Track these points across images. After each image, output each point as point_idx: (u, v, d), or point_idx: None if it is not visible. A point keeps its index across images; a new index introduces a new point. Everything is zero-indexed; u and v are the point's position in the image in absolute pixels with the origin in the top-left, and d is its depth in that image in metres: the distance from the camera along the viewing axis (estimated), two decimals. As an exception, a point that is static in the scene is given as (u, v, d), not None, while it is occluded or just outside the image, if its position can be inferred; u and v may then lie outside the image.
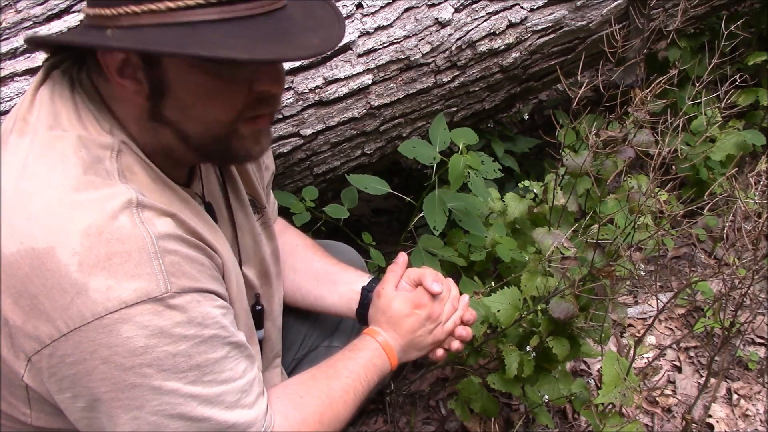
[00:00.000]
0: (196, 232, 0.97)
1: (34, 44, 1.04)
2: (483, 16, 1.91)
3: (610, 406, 1.66)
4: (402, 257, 1.41)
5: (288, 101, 1.74)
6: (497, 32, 1.94)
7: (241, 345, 1.01)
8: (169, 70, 0.92)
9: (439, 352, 1.37)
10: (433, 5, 1.85)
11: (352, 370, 1.21)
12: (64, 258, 0.86)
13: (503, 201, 1.96)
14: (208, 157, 1.05)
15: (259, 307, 1.27)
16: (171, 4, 0.86)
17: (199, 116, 0.95)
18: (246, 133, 0.98)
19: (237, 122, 0.96)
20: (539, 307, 1.57)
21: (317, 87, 1.76)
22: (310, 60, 1.72)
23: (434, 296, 1.34)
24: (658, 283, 2.45)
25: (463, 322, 1.39)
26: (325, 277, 1.46)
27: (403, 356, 1.32)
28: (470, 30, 1.90)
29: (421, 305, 1.32)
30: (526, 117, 2.86)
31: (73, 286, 0.85)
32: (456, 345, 1.38)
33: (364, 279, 1.44)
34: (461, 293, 1.43)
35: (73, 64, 1.02)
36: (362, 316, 1.40)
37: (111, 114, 0.98)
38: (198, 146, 0.99)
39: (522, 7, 1.97)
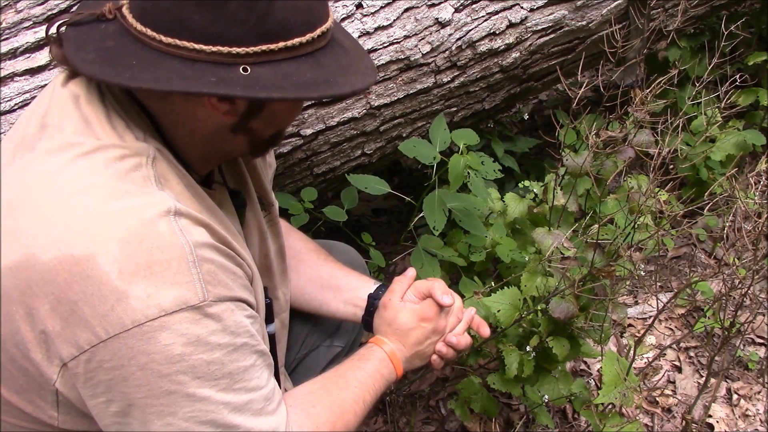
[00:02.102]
0: (227, 242, 0.98)
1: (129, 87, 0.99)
2: (483, 16, 1.91)
3: (610, 406, 1.67)
4: (411, 271, 1.42)
5: (288, 101, 1.74)
6: (497, 32, 1.94)
7: (265, 353, 1.02)
8: None
9: (434, 357, 1.37)
10: (433, 5, 1.85)
11: (361, 381, 1.21)
12: (104, 266, 0.86)
13: (503, 201, 1.96)
14: (256, 151, 1.12)
15: (268, 300, 1.28)
16: (298, 40, 0.93)
17: (279, 124, 1.07)
18: None
19: None
20: (539, 307, 1.57)
21: (317, 87, 1.75)
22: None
23: (442, 309, 1.34)
24: (658, 283, 2.45)
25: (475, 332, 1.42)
26: (329, 282, 1.46)
27: (407, 366, 1.33)
28: (470, 30, 1.90)
29: (427, 318, 1.32)
30: (526, 117, 2.86)
31: (114, 293, 0.86)
32: (451, 353, 1.38)
33: (370, 285, 1.44)
34: (463, 296, 1.43)
35: None
36: (368, 323, 1.41)
37: (145, 122, 0.99)
38: (262, 144, 1.09)
39: (522, 7, 1.97)
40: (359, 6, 1.78)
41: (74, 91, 0.98)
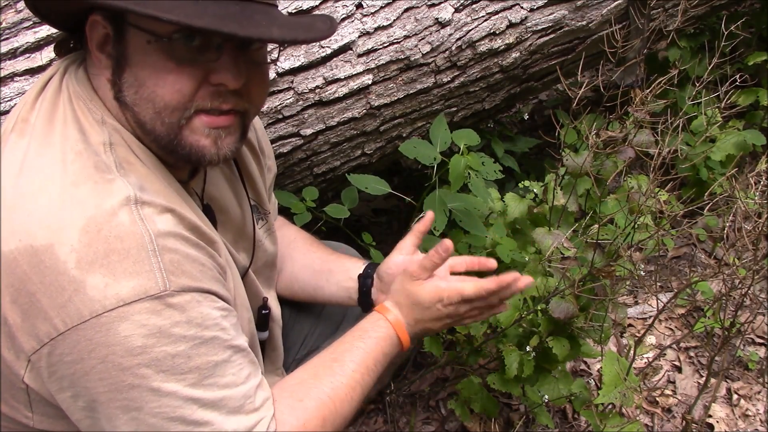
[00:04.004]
0: (195, 227, 0.95)
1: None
2: (483, 16, 1.91)
3: (610, 406, 1.67)
4: (430, 213, 1.34)
5: (288, 101, 1.74)
6: (497, 32, 1.94)
7: (243, 349, 0.98)
8: (130, 44, 0.93)
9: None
10: (433, 5, 1.85)
11: (359, 362, 1.12)
12: (62, 255, 0.85)
13: (503, 201, 1.96)
14: (164, 150, 0.99)
15: (266, 311, 1.27)
16: None
17: (149, 97, 0.93)
18: (200, 128, 0.96)
19: (189, 110, 0.94)
20: (539, 307, 1.57)
21: (317, 87, 1.76)
22: (310, 60, 1.72)
23: (469, 299, 1.19)
24: (658, 283, 2.45)
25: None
26: (321, 266, 1.44)
27: (413, 338, 1.23)
28: (470, 30, 1.90)
29: (449, 304, 1.19)
30: (526, 117, 2.86)
31: (71, 283, 0.85)
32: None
33: (359, 266, 1.40)
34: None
35: (74, 61, 1.03)
36: (365, 304, 1.37)
37: (101, 101, 0.98)
38: (153, 134, 0.96)
39: (522, 7, 1.96)
40: (359, 6, 1.78)
41: (51, 87, 0.99)
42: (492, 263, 1.30)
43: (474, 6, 1.90)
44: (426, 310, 1.20)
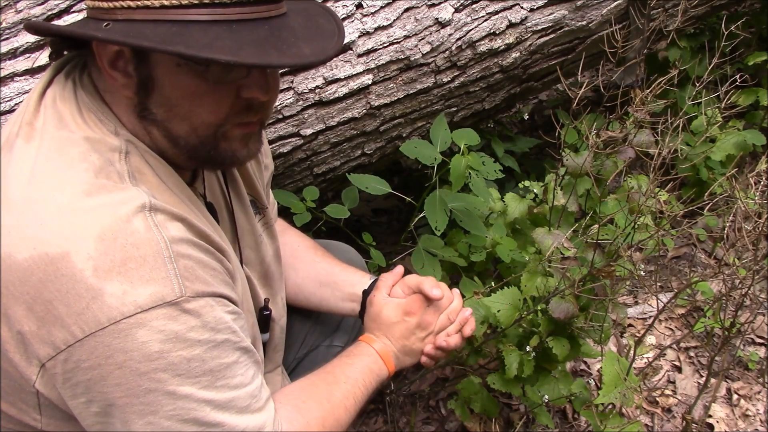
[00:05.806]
0: (205, 235, 0.97)
1: (34, 30, 1.03)
2: (483, 16, 1.92)
3: (610, 406, 1.66)
4: (399, 268, 1.43)
5: (288, 101, 1.74)
6: (497, 32, 1.94)
7: (250, 350, 1.01)
8: (157, 66, 0.93)
9: (423, 358, 1.36)
10: (433, 5, 1.86)
11: (350, 376, 1.22)
12: (79, 263, 0.85)
13: (503, 201, 1.96)
14: (196, 160, 1.02)
15: (267, 312, 1.27)
16: (165, 2, 0.87)
17: (185, 116, 0.95)
18: (235, 136, 0.99)
19: (225, 125, 0.97)
20: (539, 307, 1.57)
21: (317, 87, 1.76)
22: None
23: (430, 303, 1.34)
24: (658, 283, 2.45)
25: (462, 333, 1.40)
26: (327, 278, 1.46)
27: (398, 362, 1.33)
28: (470, 30, 1.90)
29: (411, 313, 1.33)
30: (526, 117, 2.86)
31: (89, 291, 0.85)
32: (439, 354, 1.36)
33: (365, 281, 1.44)
34: (463, 296, 1.43)
35: (75, 66, 1.02)
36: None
37: (113, 113, 0.98)
38: (186, 147, 0.98)
39: (522, 7, 1.97)
40: (359, 6, 1.78)
41: (54, 90, 0.99)
42: (467, 330, 1.40)
43: (474, 6, 1.90)
44: (395, 326, 1.32)
